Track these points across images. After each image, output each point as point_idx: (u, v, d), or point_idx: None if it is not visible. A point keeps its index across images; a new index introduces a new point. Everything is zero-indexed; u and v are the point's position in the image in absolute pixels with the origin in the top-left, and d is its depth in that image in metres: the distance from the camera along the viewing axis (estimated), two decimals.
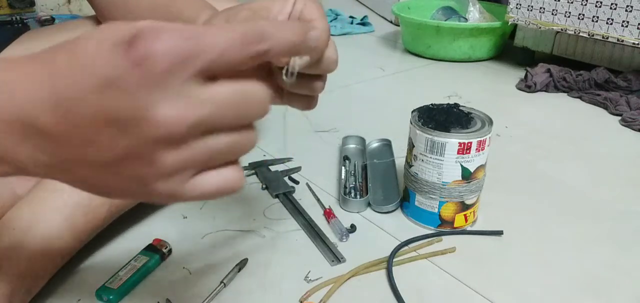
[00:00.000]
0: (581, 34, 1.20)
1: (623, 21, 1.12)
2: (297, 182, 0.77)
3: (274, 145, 0.88)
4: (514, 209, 0.70)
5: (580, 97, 1.17)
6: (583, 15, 1.18)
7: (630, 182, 0.79)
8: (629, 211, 0.71)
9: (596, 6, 1.15)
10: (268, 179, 0.76)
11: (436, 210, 0.63)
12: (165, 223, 0.65)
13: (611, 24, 1.14)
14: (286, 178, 0.77)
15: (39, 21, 1.33)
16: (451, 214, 0.63)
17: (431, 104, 0.66)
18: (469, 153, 0.59)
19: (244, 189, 0.74)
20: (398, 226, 0.66)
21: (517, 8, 1.31)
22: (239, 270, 0.57)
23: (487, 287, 0.55)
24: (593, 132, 0.99)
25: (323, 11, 0.40)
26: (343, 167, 0.78)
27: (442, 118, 0.62)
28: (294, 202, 0.70)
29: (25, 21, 1.28)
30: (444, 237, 0.63)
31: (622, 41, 1.13)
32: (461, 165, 0.60)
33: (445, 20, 1.50)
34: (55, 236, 0.51)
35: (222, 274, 0.55)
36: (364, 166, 0.79)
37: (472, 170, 0.61)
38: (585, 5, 1.17)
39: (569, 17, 1.21)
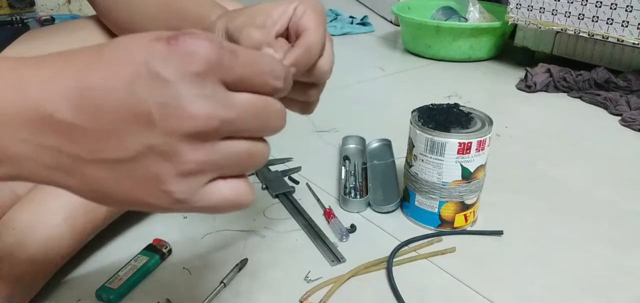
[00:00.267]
0: (581, 34, 1.20)
1: (623, 21, 1.12)
2: (297, 182, 0.77)
3: (274, 145, 0.88)
4: (514, 209, 0.70)
5: (580, 97, 1.17)
6: (583, 15, 1.18)
7: (630, 182, 0.79)
8: (629, 211, 0.71)
9: (596, 6, 1.15)
10: (268, 179, 0.76)
11: (436, 210, 0.63)
12: (165, 223, 0.65)
13: (611, 24, 1.14)
14: (286, 178, 0.77)
15: (39, 21, 1.33)
16: (451, 214, 0.63)
17: (431, 104, 0.66)
18: (469, 153, 0.59)
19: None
20: (398, 226, 0.66)
21: (517, 8, 1.31)
22: (239, 270, 0.57)
23: (487, 287, 0.55)
24: (593, 132, 0.99)
25: (323, 18, 0.40)
26: (343, 167, 0.78)
27: (442, 118, 0.62)
28: (294, 202, 0.70)
29: (25, 21, 1.28)
30: (444, 237, 0.63)
31: (622, 41, 1.13)
32: (461, 165, 0.60)
33: (445, 20, 1.50)
34: (55, 236, 0.51)
35: (222, 274, 0.55)
36: (364, 166, 0.79)
37: (472, 170, 0.61)
38: (585, 5, 1.17)
39: (569, 17, 1.21)
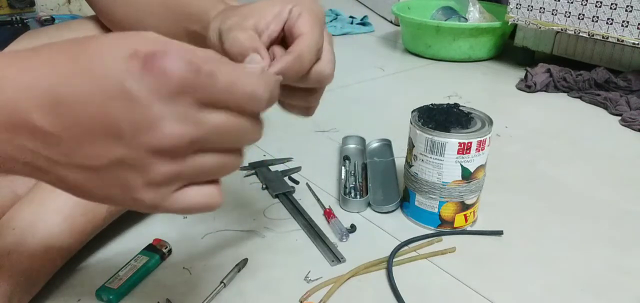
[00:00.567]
0: (581, 34, 1.20)
1: (623, 21, 1.12)
2: (297, 182, 0.77)
3: (274, 145, 0.88)
4: (514, 209, 0.70)
5: (580, 97, 1.17)
6: (583, 15, 1.18)
7: (630, 182, 0.79)
8: (629, 211, 0.71)
9: (596, 6, 1.15)
10: (268, 179, 0.76)
11: (436, 210, 0.63)
12: (165, 223, 0.65)
13: (611, 24, 1.14)
14: (286, 178, 0.77)
15: (39, 21, 1.33)
16: (451, 214, 0.63)
17: (431, 104, 0.66)
18: (469, 153, 0.59)
19: (244, 189, 0.74)
20: (398, 226, 0.66)
21: (517, 8, 1.31)
22: (239, 270, 0.57)
23: (487, 287, 0.55)
24: (593, 132, 0.99)
25: (319, 20, 0.39)
26: (343, 167, 0.78)
27: (442, 118, 0.62)
28: (294, 202, 0.70)
29: (25, 21, 1.28)
30: (444, 237, 0.63)
31: (622, 41, 1.13)
32: (461, 165, 0.60)
33: (445, 20, 1.50)
34: (55, 236, 0.51)
35: (222, 274, 0.55)
36: (364, 166, 0.79)
37: (472, 170, 0.61)
38: (585, 5, 1.17)
39: (569, 17, 1.21)
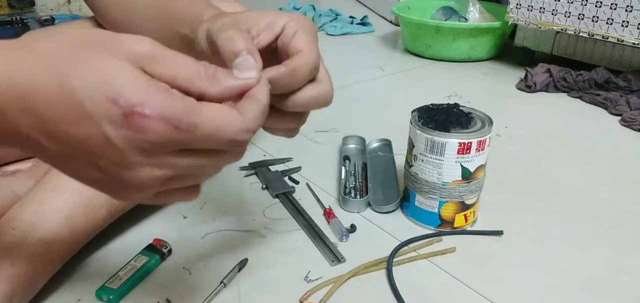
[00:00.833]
0: (581, 34, 1.20)
1: (623, 21, 1.12)
2: (297, 182, 0.77)
3: (274, 145, 0.88)
4: (514, 209, 0.70)
5: (580, 97, 1.17)
6: (583, 15, 1.18)
7: (630, 182, 0.79)
8: (629, 211, 0.71)
9: (596, 6, 1.15)
10: (268, 179, 0.76)
11: (436, 210, 0.63)
12: (165, 223, 0.65)
13: (611, 24, 1.14)
14: (286, 178, 0.77)
15: (39, 21, 1.33)
16: (451, 214, 0.63)
17: (431, 104, 0.66)
18: (469, 153, 0.59)
19: (244, 189, 0.74)
20: (398, 226, 0.66)
21: (517, 8, 1.31)
22: (239, 270, 0.57)
23: (487, 287, 0.55)
24: (593, 132, 0.99)
25: (315, 39, 0.38)
26: (343, 167, 0.78)
27: (442, 118, 0.62)
28: (294, 202, 0.70)
29: (25, 21, 1.28)
30: (444, 237, 0.63)
31: (622, 41, 1.13)
32: (461, 165, 0.60)
33: (445, 20, 1.50)
34: (55, 236, 0.51)
35: (222, 274, 0.55)
36: (364, 165, 0.79)
37: (472, 170, 0.61)
38: (585, 5, 1.17)
39: (569, 17, 1.21)
